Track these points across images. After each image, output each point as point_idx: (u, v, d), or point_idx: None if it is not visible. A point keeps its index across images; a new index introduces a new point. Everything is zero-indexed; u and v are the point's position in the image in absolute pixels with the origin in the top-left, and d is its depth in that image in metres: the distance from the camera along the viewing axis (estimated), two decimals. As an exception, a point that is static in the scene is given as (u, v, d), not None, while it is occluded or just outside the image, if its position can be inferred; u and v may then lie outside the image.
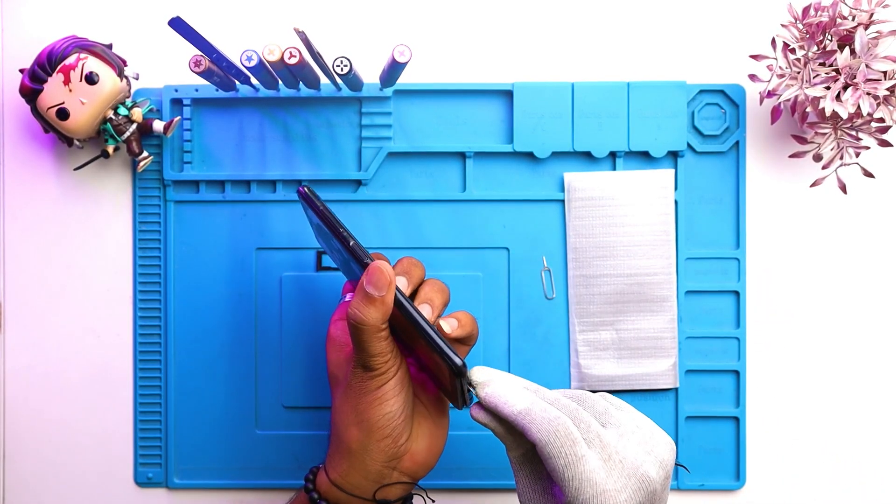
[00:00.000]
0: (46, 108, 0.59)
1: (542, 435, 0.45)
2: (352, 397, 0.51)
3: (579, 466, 0.45)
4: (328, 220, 0.50)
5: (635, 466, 0.46)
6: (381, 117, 0.63)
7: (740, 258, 0.64)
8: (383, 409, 0.50)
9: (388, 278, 0.48)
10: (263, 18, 0.65)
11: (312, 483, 0.53)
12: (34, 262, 0.64)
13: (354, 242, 0.49)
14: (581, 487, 0.45)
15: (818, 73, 0.57)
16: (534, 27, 0.65)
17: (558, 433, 0.45)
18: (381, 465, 0.51)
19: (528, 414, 0.46)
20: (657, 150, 0.63)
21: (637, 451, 0.47)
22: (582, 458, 0.45)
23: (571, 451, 0.45)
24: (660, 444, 0.48)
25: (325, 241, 0.55)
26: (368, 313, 0.48)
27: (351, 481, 0.51)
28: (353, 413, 0.51)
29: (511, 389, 0.48)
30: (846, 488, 0.65)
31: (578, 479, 0.45)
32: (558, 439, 0.45)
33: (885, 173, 0.64)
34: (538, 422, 0.46)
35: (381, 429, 0.50)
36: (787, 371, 0.65)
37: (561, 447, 0.45)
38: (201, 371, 0.64)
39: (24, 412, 0.64)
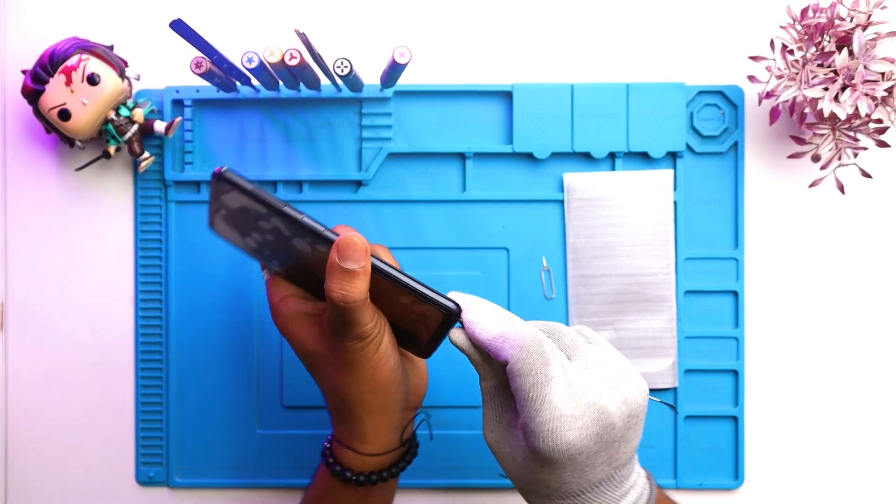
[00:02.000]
0: (48, 108, 0.59)
1: (515, 351, 0.45)
2: (355, 369, 0.50)
3: (546, 387, 0.45)
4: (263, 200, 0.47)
5: (594, 398, 0.45)
6: (382, 118, 0.64)
7: (739, 258, 0.64)
8: (389, 365, 0.50)
9: (363, 247, 0.47)
10: (264, 20, 0.65)
11: (341, 465, 0.52)
12: (36, 262, 0.65)
13: (309, 218, 0.47)
14: (541, 409, 0.44)
15: (816, 74, 0.57)
16: (534, 28, 0.65)
17: (531, 350, 0.45)
18: (400, 412, 0.52)
19: (503, 335, 0.46)
20: (656, 150, 0.63)
21: (599, 384, 0.46)
22: (550, 380, 0.45)
23: (542, 370, 0.45)
24: (627, 381, 0.46)
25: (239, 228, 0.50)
26: (355, 288, 0.47)
27: (383, 442, 0.52)
28: (361, 382, 0.50)
29: (486, 316, 0.48)
30: (845, 488, 0.65)
31: (541, 399, 0.44)
32: (530, 356, 0.45)
33: (882, 174, 0.64)
34: (512, 339, 0.46)
35: (393, 382, 0.51)
36: (785, 371, 0.65)
37: (532, 364, 0.45)
38: (202, 370, 0.64)
39: (25, 411, 0.65)
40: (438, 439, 0.63)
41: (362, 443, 0.52)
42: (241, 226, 0.50)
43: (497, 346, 0.46)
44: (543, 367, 0.45)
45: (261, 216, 0.48)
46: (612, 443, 0.45)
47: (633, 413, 0.46)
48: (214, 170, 0.47)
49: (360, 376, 0.50)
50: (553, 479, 0.46)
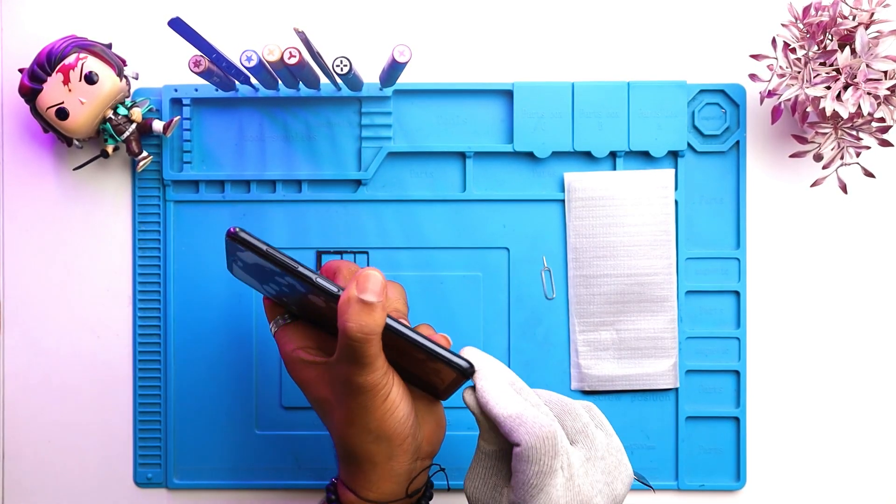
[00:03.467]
0: (46, 107, 0.59)
1: (531, 439, 0.46)
2: (361, 416, 0.50)
3: (548, 478, 0.46)
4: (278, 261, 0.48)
5: (588, 497, 0.47)
6: (381, 117, 0.63)
7: (741, 258, 0.64)
8: (397, 416, 0.50)
9: (382, 281, 0.48)
10: (263, 18, 0.65)
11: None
12: (34, 261, 0.64)
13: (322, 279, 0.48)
14: (537, 497, 0.46)
15: (819, 72, 0.57)
16: (534, 27, 0.65)
17: (546, 442, 0.46)
18: (408, 463, 0.51)
19: (519, 417, 0.47)
20: (657, 149, 0.63)
21: (597, 479, 0.48)
22: (554, 472, 0.46)
23: (549, 462, 0.46)
24: (621, 476, 0.48)
25: (257, 277, 0.52)
26: (372, 320, 0.47)
27: (385, 491, 0.51)
28: (367, 431, 0.50)
29: (503, 390, 0.48)
30: (846, 488, 0.65)
31: (539, 488, 0.46)
32: (543, 446, 0.46)
33: (885, 173, 0.64)
34: (529, 425, 0.46)
35: (401, 433, 0.50)
36: (787, 371, 0.64)
37: (542, 455, 0.46)
38: (201, 371, 0.64)
39: (23, 412, 0.64)
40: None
41: (366, 489, 0.51)
42: (259, 276, 0.51)
43: (511, 426, 0.47)
44: (552, 459, 0.46)
45: (275, 272, 0.49)
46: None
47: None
48: (228, 230, 0.48)
49: (365, 426, 0.50)
50: None
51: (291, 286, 0.49)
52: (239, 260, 0.50)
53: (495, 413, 0.47)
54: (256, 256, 0.48)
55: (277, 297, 0.53)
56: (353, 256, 0.64)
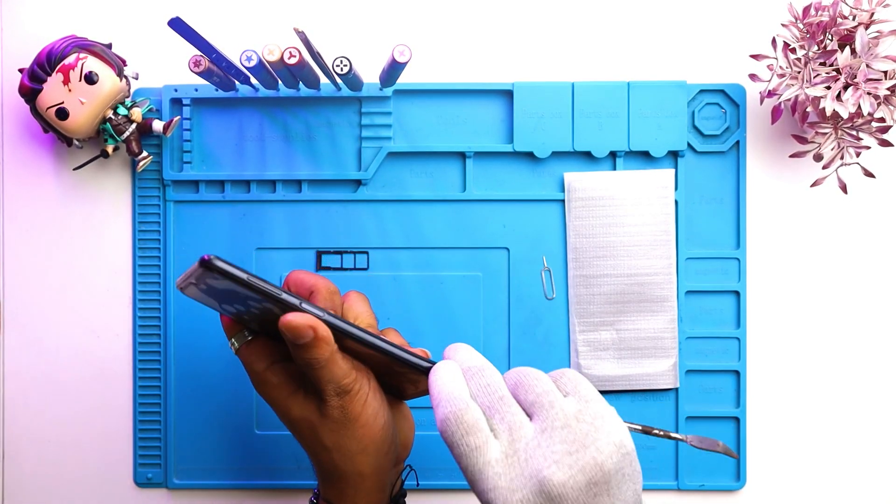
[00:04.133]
0: (46, 107, 0.59)
1: (438, 423, 0.44)
2: (346, 428, 0.49)
3: (472, 457, 0.42)
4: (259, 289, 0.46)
5: (538, 469, 0.41)
6: (381, 117, 0.63)
7: (741, 258, 0.64)
8: (379, 424, 0.50)
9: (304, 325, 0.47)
10: (263, 18, 0.64)
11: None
12: (34, 261, 0.64)
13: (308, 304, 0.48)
14: (473, 479, 0.42)
15: (819, 72, 0.57)
16: (534, 27, 0.65)
17: (449, 421, 0.43)
18: (391, 471, 0.52)
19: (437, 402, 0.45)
20: (657, 149, 0.63)
21: (555, 449, 0.42)
22: (476, 449, 0.42)
23: (464, 440, 0.43)
24: (598, 443, 0.42)
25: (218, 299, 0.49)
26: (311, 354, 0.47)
27: (374, 501, 0.51)
28: (353, 442, 0.50)
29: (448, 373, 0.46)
30: (846, 488, 0.64)
31: (471, 470, 0.42)
32: (449, 427, 0.43)
33: (885, 173, 0.64)
34: (439, 409, 0.44)
35: (385, 441, 0.50)
36: (787, 371, 0.64)
37: (452, 436, 0.43)
38: (201, 371, 0.64)
39: (23, 412, 0.64)
40: (438, 439, 0.62)
41: (348, 501, 0.51)
42: (222, 298, 0.49)
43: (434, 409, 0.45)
44: (464, 437, 0.43)
45: (249, 297, 0.47)
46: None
47: (594, 481, 0.41)
48: (202, 257, 0.45)
49: (351, 436, 0.49)
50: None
51: (262, 308, 0.48)
52: (203, 283, 0.48)
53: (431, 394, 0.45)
54: (233, 284, 0.46)
55: (237, 316, 0.51)
56: (353, 256, 0.64)
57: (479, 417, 0.43)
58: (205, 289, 0.48)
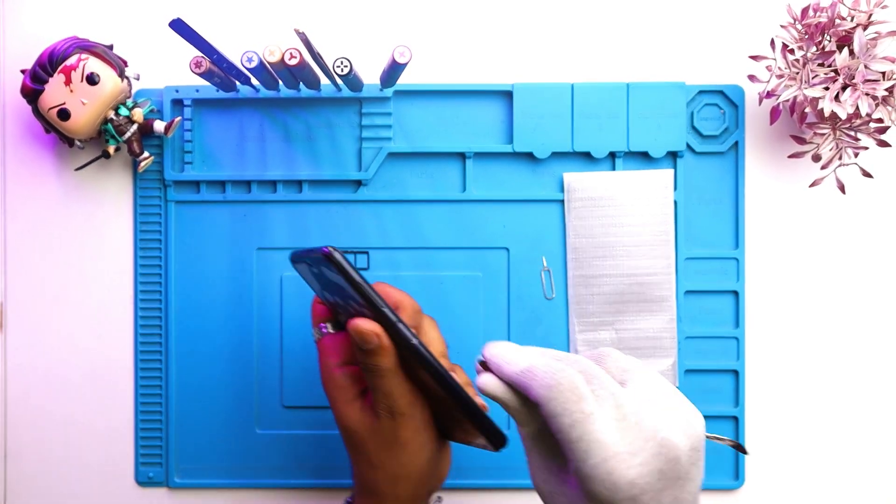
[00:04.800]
0: (47, 108, 0.59)
1: (544, 391, 0.40)
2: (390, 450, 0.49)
3: (587, 425, 0.39)
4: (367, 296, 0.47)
5: (655, 429, 0.40)
6: (382, 118, 0.64)
7: (739, 258, 0.64)
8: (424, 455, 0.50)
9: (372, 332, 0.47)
10: (264, 19, 0.65)
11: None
12: (35, 262, 0.64)
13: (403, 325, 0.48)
14: (590, 449, 0.39)
15: (817, 73, 0.57)
16: (534, 28, 0.65)
17: (561, 387, 0.40)
18: (425, 499, 0.52)
19: (530, 371, 0.42)
20: (656, 150, 0.63)
21: (659, 413, 0.41)
22: (590, 416, 0.40)
23: (577, 406, 0.40)
24: (686, 415, 0.41)
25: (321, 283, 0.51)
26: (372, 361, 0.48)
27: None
28: (395, 466, 0.49)
29: (511, 348, 0.44)
30: (845, 488, 0.65)
31: (587, 439, 0.39)
32: (561, 394, 0.40)
33: (883, 173, 0.64)
34: (540, 377, 0.41)
35: (427, 472, 0.51)
36: (785, 371, 0.65)
37: (565, 403, 0.40)
38: (202, 371, 0.64)
39: (25, 411, 0.65)
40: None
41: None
42: (327, 286, 0.50)
43: (525, 382, 0.42)
44: (577, 403, 0.40)
45: (352, 297, 0.48)
46: (676, 479, 0.41)
47: (695, 446, 0.41)
48: (322, 249, 0.46)
49: (397, 459, 0.49)
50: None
51: (358, 310, 0.48)
52: (316, 267, 0.49)
53: (507, 373, 0.43)
54: (343, 280, 0.47)
55: (331, 305, 0.52)
56: (354, 256, 0.64)
57: (586, 384, 0.41)
58: (316, 272, 0.50)
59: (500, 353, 0.44)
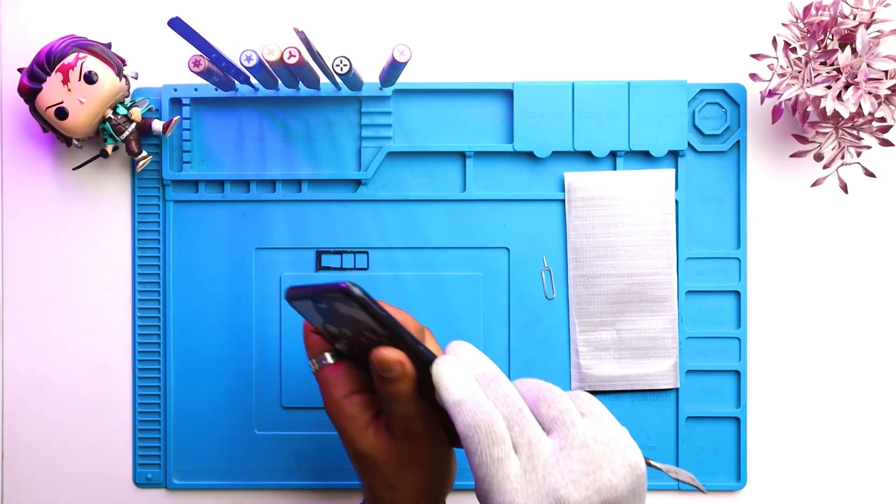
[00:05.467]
0: (45, 107, 0.59)
1: (464, 428, 0.43)
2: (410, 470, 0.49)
3: (492, 468, 0.42)
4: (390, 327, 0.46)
5: (555, 487, 0.42)
6: (381, 117, 0.63)
7: (741, 258, 0.64)
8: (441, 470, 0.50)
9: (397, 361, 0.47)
10: (263, 18, 0.64)
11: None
12: (33, 261, 0.64)
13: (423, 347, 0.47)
14: (490, 491, 0.42)
15: (819, 72, 0.56)
16: (534, 27, 0.65)
17: (479, 428, 0.43)
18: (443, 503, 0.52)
19: (459, 405, 0.44)
20: (658, 149, 0.63)
21: (573, 468, 0.42)
22: (498, 461, 0.42)
23: (489, 450, 0.42)
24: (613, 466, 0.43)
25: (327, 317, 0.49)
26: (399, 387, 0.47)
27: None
28: (415, 485, 0.50)
29: (456, 374, 0.45)
30: (847, 488, 0.64)
31: (489, 482, 0.42)
32: (477, 435, 0.43)
33: (886, 173, 0.64)
34: (464, 414, 0.43)
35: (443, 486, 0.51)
36: (787, 371, 0.64)
37: (479, 444, 0.42)
38: (200, 371, 0.64)
39: (23, 413, 0.64)
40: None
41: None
42: (333, 318, 0.48)
43: (453, 415, 0.44)
44: (490, 447, 0.42)
45: (369, 328, 0.47)
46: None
47: (608, 501, 0.42)
48: (340, 285, 0.45)
49: (416, 478, 0.50)
50: None
51: (376, 336, 0.47)
52: (325, 303, 0.47)
53: (443, 399, 0.45)
54: (362, 313, 0.45)
55: (333, 337, 0.50)
56: (353, 256, 0.64)
57: (505, 429, 0.43)
58: (324, 307, 0.48)
59: (444, 374, 0.45)
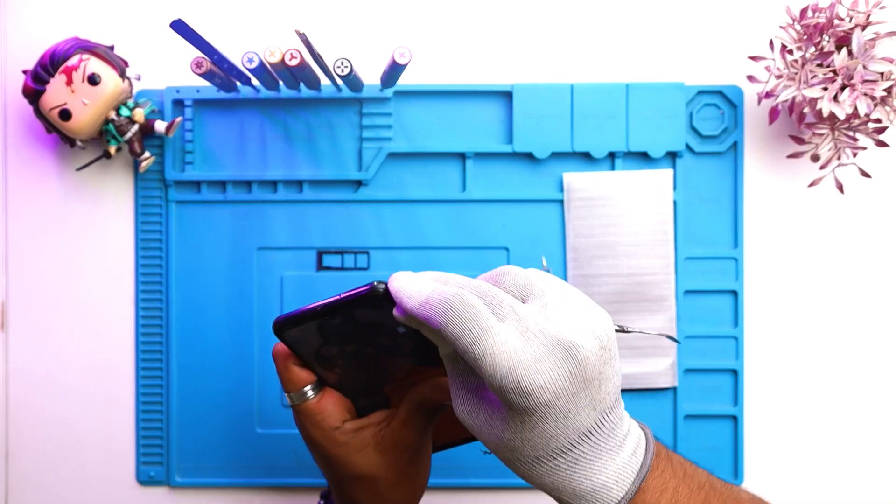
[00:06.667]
0: (49, 108, 0.59)
1: (440, 318, 0.40)
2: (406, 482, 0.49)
3: (487, 339, 0.39)
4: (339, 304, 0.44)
5: (557, 333, 0.40)
6: (382, 118, 0.64)
7: (738, 258, 0.64)
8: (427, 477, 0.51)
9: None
10: (264, 20, 0.65)
11: None
12: (37, 262, 0.65)
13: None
14: (495, 363, 0.39)
15: (816, 73, 0.57)
16: (533, 29, 0.65)
17: (455, 309, 0.40)
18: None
19: (427, 303, 0.41)
20: (656, 150, 0.63)
21: (562, 320, 0.40)
22: (489, 330, 0.39)
23: (474, 323, 0.39)
24: (591, 314, 0.41)
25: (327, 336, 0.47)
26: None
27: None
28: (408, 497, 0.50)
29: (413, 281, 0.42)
30: (844, 486, 0.65)
31: (489, 352, 0.39)
32: (456, 316, 0.40)
33: (881, 173, 0.64)
34: (435, 306, 0.40)
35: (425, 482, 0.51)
36: (784, 370, 0.65)
37: (461, 323, 0.39)
38: (203, 370, 0.64)
39: (27, 411, 0.65)
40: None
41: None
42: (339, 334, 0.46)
43: (424, 315, 0.41)
44: (474, 320, 0.39)
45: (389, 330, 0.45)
46: (590, 381, 0.40)
47: (604, 346, 0.41)
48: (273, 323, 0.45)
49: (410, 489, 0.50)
50: (538, 436, 0.40)
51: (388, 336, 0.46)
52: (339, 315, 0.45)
53: (410, 308, 0.41)
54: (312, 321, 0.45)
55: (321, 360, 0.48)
56: (354, 256, 0.64)
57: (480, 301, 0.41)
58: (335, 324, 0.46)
59: (400, 287, 0.42)
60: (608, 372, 0.41)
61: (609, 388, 0.41)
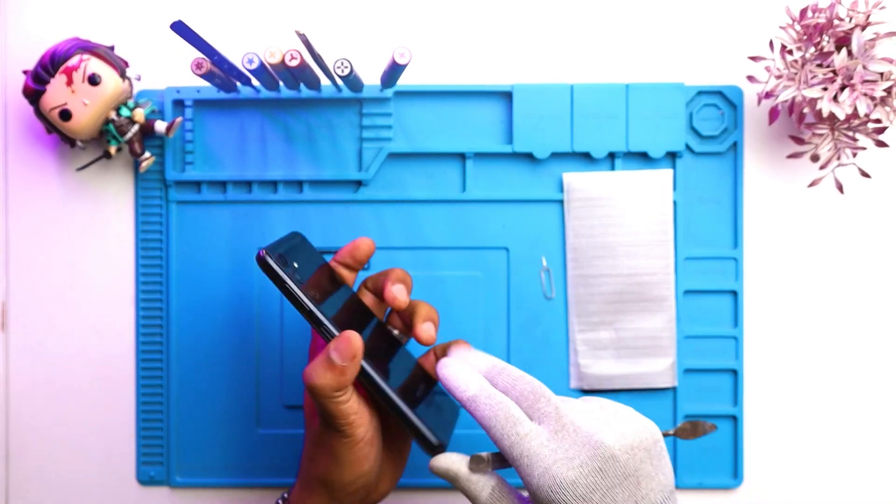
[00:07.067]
0: (49, 108, 0.59)
1: (485, 421, 0.47)
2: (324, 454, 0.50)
3: (524, 443, 0.46)
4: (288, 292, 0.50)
5: (589, 433, 0.45)
6: (382, 118, 0.64)
7: (738, 258, 0.64)
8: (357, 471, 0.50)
9: (353, 350, 0.48)
10: (265, 21, 0.65)
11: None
12: (37, 262, 0.65)
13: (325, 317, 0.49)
14: (531, 463, 0.45)
15: (815, 74, 0.57)
16: (533, 28, 0.65)
17: (498, 417, 0.46)
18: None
19: (474, 401, 0.48)
20: (656, 150, 0.63)
21: (597, 419, 0.46)
22: (525, 436, 0.46)
23: (513, 430, 0.46)
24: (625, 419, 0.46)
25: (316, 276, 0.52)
26: (322, 378, 0.47)
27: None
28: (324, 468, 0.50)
29: (465, 372, 0.49)
30: (844, 487, 0.65)
31: (527, 454, 0.45)
32: (498, 422, 0.46)
33: (881, 174, 0.64)
34: (481, 408, 0.47)
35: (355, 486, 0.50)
36: (784, 370, 0.65)
37: (502, 429, 0.46)
38: (203, 370, 0.64)
39: (27, 411, 0.65)
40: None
41: None
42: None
43: (471, 410, 0.48)
44: (513, 427, 0.46)
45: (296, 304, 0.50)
46: (625, 477, 0.44)
47: (636, 445, 0.45)
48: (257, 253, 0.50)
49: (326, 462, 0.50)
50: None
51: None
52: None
53: (458, 397, 0.48)
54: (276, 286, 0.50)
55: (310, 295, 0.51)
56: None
57: (520, 410, 0.47)
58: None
59: (452, 375, 0.49)
60: (647, 470, 0.45)
61: (652, 485, 0.45)
